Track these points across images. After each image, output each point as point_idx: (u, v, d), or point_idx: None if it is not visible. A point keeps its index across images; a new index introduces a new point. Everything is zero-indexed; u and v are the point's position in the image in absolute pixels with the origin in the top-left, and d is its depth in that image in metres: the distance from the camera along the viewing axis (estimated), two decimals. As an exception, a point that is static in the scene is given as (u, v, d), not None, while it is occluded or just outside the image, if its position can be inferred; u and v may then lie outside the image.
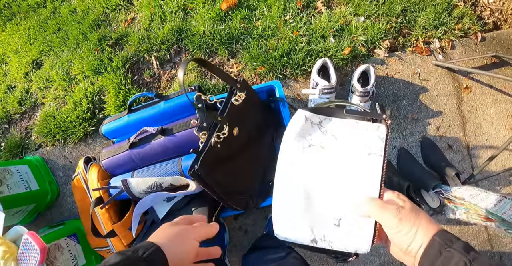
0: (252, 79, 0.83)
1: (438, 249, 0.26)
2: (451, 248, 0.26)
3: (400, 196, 0.30)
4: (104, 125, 0.62)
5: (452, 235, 0.27)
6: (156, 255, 0.28)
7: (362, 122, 0.34)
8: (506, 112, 0.86)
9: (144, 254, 0.27)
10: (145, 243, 0.29)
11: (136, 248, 0.28)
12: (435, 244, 0.26)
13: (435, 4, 0.87)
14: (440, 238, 0.26)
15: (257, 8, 0.86)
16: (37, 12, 1.15)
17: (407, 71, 0.84)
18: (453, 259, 0.25)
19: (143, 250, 0.28)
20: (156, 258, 0.27)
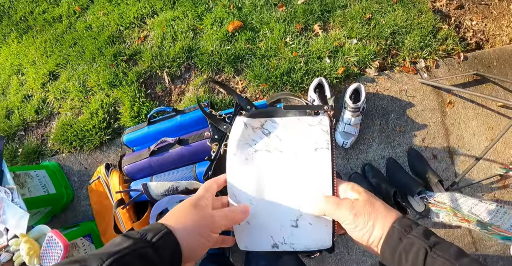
0: (255, 95, 0.95)
1: (398, 237, 0.26)
2: (410, 234, 0.26)
3: (355, 187, 0.30)
4: (126, 135, 0.73)
5: (412, 221, 0.27)
6: (166, 240, 0.25)
7: (304, 118, 0.33)
8: (486, 125, 0.98)
9: (153, 239, 0.24)
10: (156, 224, 0.26)
11: (145, 231, 0.25)
12: (395, 232, 0.26)
13: (421, 28, 1.02)
14: (399, 226, 0.26)
15: (260, 31, 1.00)
16: (53, 26, 1.28)
17: (395, 88, 0.96)
18: (413, 245, 0.25)
19: (153, 234, 0.25)
20: (166, 245, 0.25)
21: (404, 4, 1.04)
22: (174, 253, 0.25)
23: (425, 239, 0.25)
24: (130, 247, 0.23)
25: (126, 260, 0.22)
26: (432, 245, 0.25)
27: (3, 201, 0.77)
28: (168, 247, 0.25)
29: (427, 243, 0.25)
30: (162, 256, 0.24)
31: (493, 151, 0.97)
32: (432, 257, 0.24)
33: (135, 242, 0.24)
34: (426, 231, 0.26)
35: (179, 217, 0.27)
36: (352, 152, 0.93)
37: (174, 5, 1.12)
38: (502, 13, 1.15)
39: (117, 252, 0.22)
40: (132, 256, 0.23)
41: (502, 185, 0.95)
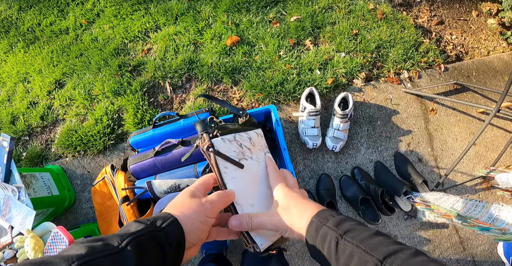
0: (251, 104, 1.11)
1: (315, 229, 0.30)
2: (325, 226, 0.29)
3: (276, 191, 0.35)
4: (132, 137, 0.86)
5: (331, 213, 0.31)
6: (174, 227, 0.29)
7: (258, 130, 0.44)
8: (468, 130, 1.14)
9: (162, 225, 0.29)
10: (163, 213, 0.31)
11: (154, 218, 0.29)
12: (312, 225, 0.30)
13: (404, 42, 1.20)
14: (317, 218, 0.30)
15: (256, 45, 1.18)
16: (60, 38, 1.46)
17: (381, 97, 1.13)
18: (327, 235, 0.28)
19: (161, 221, 0.29)
20: (174, 231, 0.29)
21: (388, 21, 1.24)
22: (180, 238, 0.29)
23: (336, 228, 0.28)
24: (145, 229, 0.28)
25: (141, 239, 0.27)
26: (343, 233, 0.28)
27: (9, 199, 0.88)
28: (175, 233, 0.29)
29: (337, 232, 0.28)
30: (170, 241, 0.28)
31: (476, 155, 1.11)
32: (342, 244, 0.27)
33: (148, 226, 0.28)
34: (340, 221, 0.29)
35: (179, 207, 0.32)
36: (342, 156, 1.07)
37: (176, 21, 1.31)
38: (480, 27, 1.36)
39: (134, 233, 0.27)
40: (146, 237, 0.27)
41: (486, 186, 1.08)
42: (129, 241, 0.26)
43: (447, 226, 1.02)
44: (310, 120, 1.00)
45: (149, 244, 0.27)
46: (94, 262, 0.23)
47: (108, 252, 0.25)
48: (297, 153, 1.06)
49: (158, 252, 0.28)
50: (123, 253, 0.25)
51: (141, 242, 0.27)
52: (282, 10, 1.26)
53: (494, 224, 0.75)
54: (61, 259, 0.23)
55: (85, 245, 0.25)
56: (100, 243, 0.25)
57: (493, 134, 1.13)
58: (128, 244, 0.26)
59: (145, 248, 0.27)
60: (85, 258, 0.23)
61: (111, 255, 0.25)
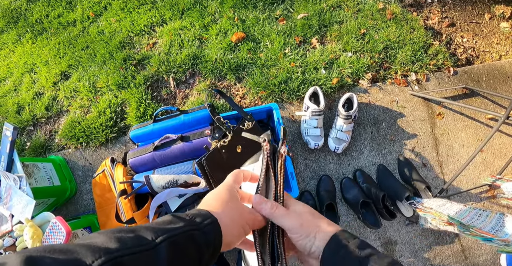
0: (254, 101, 1.09)
1: (335, 249, 0.28)
2: (346, 247, 0.28)
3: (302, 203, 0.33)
4: (132, 131, 0.85)
5: (350, 234, 0.30)
6: (213, 227, 0.27)
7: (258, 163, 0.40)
8: (476, 136, 1.10)
9: (201, 223, 0.27)
10: (203, 211, 0.29)
11: (193, 215, 0.28)
12: (332, 244, 0.29)
13: (413, 43, 1.16)
14: (337, 238, 0.29)
15: (262, 42, 1.15)
16: (67, 30, 1.45)
17: (387, 99, 1.09)
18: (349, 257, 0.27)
19: (201, 219, 0.27)
20: (212, 230, 0.27)
21: (397, 21, 1.20)
22: (217, 240, 0.27)
23: (359, 251, 0.27)
24: (182, 228, 0.26)
25: (177, 239, 0.25)
26: (367, 256, 0.27)
27: (11, 188, 0.88)
28: (214, 233, 0.27)
29: (361, 255, 0.27)
30: (207, 241, 0.27)
31: (482, 162, 1.07)
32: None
33: (186, 224, 0.26)
34: (361, 244, 0.28)
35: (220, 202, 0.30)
36: (344, 158, 1.04)
37: (182, 16, 1.29)
38: (493, 31, 1.31)
39: (170, 230, 0.25)
40: (183, 236, 0.25)
41: (491, 195, 1.04)
42: (164, 238, 0.24)
43: (449, 234, 0.99)
44: (313, 120, 0.98)
45: (186, 244, 0.25)
46: (123, 259, 0.21)
47: (140, 248, 0.22)
48: (298, 152, 1.04)
49: (194, 253, 0.26)
50: (156, 251, 0.23)
51: (177, 241, 0.25)
52: (289, 7, 1.23)
53: (497, 234, 0.72)
54: (87, 250, 0.20)
55: (116, 237, 0.22)
56: (132, 235, 0.23)
57: (501, 141, 1.09)
58: (163, 241, 0.24)
59: (181, 249, 0.25)
60: (114, 254, 0.21)
61: (143, 252, 0.22)
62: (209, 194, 0.32)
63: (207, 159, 0.63)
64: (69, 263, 0.19)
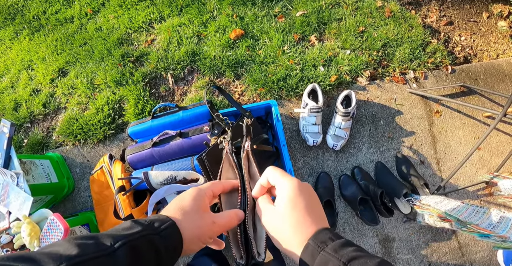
0: (253, 98, 1.08)
1: (311, 254, 0.26)
2: (324, 251, 0.25)
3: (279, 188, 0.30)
4: (130, 127, 0.85)
5: (330, 234, 0.27)
6: (171, 231, 0.27)
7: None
8: (473, 134, 1.10)
9: (159, 227, 0.27)
10: (162, 216, 0.29)
11: (152, 220, 0.28)
12: (309, 248, 0.26)
13: (411, 41, 1.16)
14: (314, 241, 0.26)
15: (260, 39, 1.14)
16: (64, 26, 1.44)
17: (385, 97, 1.09)
18: (327, 264, 0.25)
19: (159, 223, 0.27)
20: (171, 235, 0.27)
21: (396, 19, 1.19)
22: (177, 244, 0.27)
23: (338, 255, 0.24)
24: (140, 232, 0.26)
25: (136, 243, 0.25)
26: (347, 261, 0.24)
27: (8, 185, 0.87)
28: (172, 238, 0.27)
29: (340, 260, 0.24)
30: (167, 245, 0.27)
31: (479, 159, 1.07)
32: None
33: (144, 229, 0.26)
34: (341, 246, 0.25)
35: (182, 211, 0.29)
36: (342, 155, 1.04)
37: (181, 12, 1.28)
38: (490, 30, 1.30)
39: (128, 236, 0.25)
40: (141, 240, 0.25)
41: (488, 192, 1.04)
42: (123, 243, 0.24)
43: (446, 231, 0.99)
44: (311, 117, 0.98)
45: (144, 248, 0.25)
46: (84, 265, 0.22)
47: (99, 253, 0.23)
48: (296, 149, 1.04)
49: (153, 257, 0.26)
50: (115, 255, 0.23)
51: (135, 246, 0.25)
52: (288, 4, 1.22)
53: (495, 231, 0.72)
54: (49, 258, 0.21)
55: (76, 243, 0.23)
56: (92, 241, 0.24)
57: (498, 139, 1.09)
58: (122, 246, 0.24)
59: (139, 251, 0.25)
60: (75, 260, 0.21)
61: (102, 256, 0.23)
62: (175, 199, 0.32)
63: (207, 154, 0.62)
64: None
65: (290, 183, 0.30)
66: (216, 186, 0.34)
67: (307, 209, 0.29)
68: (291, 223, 0.28)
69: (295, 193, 0.29)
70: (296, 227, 0.28)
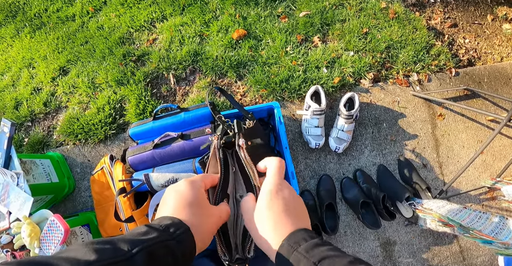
0: (255, 99, 1.07)
1: (286, 255, 0.26)
2: (296, 251, 0.26)
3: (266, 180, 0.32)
4: (132, 129, 0.83)
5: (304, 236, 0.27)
6: (186, 236, 0.28)
7: None
8: (476, 138, 1.09)
9: (175, 233, 0.27)
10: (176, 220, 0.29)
11: (166, 225, 0.28)
12: (284, 249, 0.27)
13: (415, 43, 1.15)
14: (288, 242, 0.27)
15: (263, 39, 1.13)
16: (66, 25, 1.42)
17: (388, 99, 1.08)
18: (300, 263, 0.25)
19: (174, 229, 0.27)
20: (186, 239, 0.27)
21: (400, 21, 1.18)
22: (191, 247, 0.28)
23: (309, 255, 0.25)
24: (157, 238, 0.26)
25: (153, 249, 0.25)
26: (318, 261, 0.24)
27: (8, 185, 0.86)
28: (187, 242, 0.28)
29: (310, 260, 0.25)
30: (183, 251, 0.27)
31: (482, 163, 1.06)
32: None
33: (160, 234, 0.26)
34: (314, 246, 0.26)
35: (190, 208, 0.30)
36: (344, 157, 1.03)
37: (183, 12, 1.26)
38: (495, 32, 1.29)
39: (146, 241, 0.25)
40: (158, 246, 0.25)
41: (490, 196, 1.03)
42: (140, 248, 0.24)
43: (447, 235, 0.98)
44: (314, 119, 0.96)
45: (162, 254, 0.25)
46: None
47: (117, 259, 0.23)
48: (299, 151, 1.03)
49: (170, 262, 0.26)
50: (134, 261, 0.23)
51: (153, 252, 0.25)
52: (291, 5, 1.20)
53: (497, 237, 0.71)
54: (66, 262, 0.21)
55: (93, 248, 0.23)
56: (109, 246, 0.24)
57: (502, 143, 1.08)
58: (140, 251, 0.24)
59: (157, 257, 0.25)
60: (93, 265, 0.21)
61: (120, 262, 0.23)
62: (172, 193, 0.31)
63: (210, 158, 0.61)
64: None
65: (269, 182, 0.32)
66: (208, 178, 0.35)
67: (285, 209, 0.30)
68: (269, 224, 0.29)
69: (273, 194, 0.30)
70: (274, 228, 0.28)
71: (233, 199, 0.38)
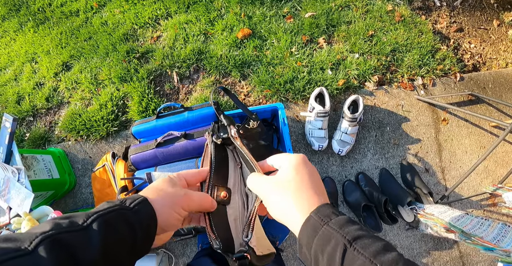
0: (259, 100, 1.06)
1: (313, 228, 0.24)
2: (328, 225, 0.24)
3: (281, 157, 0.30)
4: (135, 127, 0.83)
5: (333, 209, 0.26)
6: (143, 206, 0.28)
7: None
8: (479, 143, 1.08)
9: (131, 204, 0.27)
10: (134, 194, 0.29)
11: (124, 199, 0.28)
12: (311, 221, 0.25)
13: (421, 47, 1.14)
14: (317, 215, 0.25)
15: (268, 39, 1.12)
16: (69, 20, 1.41)
17: (392, 103, 1.07)
18: (331, 239, 0.23)
19: (131, 201, 0.28)
20: (143, 209, 0.27)
21: (405, 24, 1.17)
22: (151, 219, 0.28)
23: (343, 232, 0.23)
24: (112, 207, 0.26)
25: (109, 217, 0.25)
26: (352, 239, 0.23)
27: (9, 180, 0.86)
28: (145, 213, 0.27)
29: (345, 237, 0.23)
30: (140, 220, 0.27)
31: (484, 169, 1.06)
32: (351, 254, 0.22)
33: (116, 205, 0.27)
34: (346, 222, 0.24)
35: (155, 190, 0.30)
36: (347, 160, 1.02)
37: (188, 9, 1.25)
38: (500, 38, 1.28)
39: (101, 210, 0.25)
40: (114, 215, 0.26)
41: (492, 202, 1.03)
42: (94, 218, 0.25)
43: (448, 240, 0.98)
44: (317, 121, 0.96)
45: (117, 222, 0.26)
46: (57, 236, 0.22)
47: (72, 228, 0.24)
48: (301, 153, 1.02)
49: (127, 231, 0.26)
50: (88, 230, 0.24)
51: (108, 220, 0.25)
52: (297, 5, 1.19)
53: (499, 244, 0.71)
54: (26, 235, 0.22)
55: (51, 222, 0.24)
56: (66, 220, 0.24)
57: (504, 149, 1.08)
58: (94, 221, 0.24)
59: (113, 226, 0.25)
60: (49, 233, 0.22)
61: (75, 231, 0.23)
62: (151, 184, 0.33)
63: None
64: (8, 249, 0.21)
65: (294, 156, 0.30)
66: (188, 173, 0.34)
67: (311, 180, 0.28)
68: (294, 195, 0.27)
69: (298, 163, 0.29)
70: (301, 199, 0.27)
71: (240, 193, 0.38)
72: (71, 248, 0.22)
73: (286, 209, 0.27)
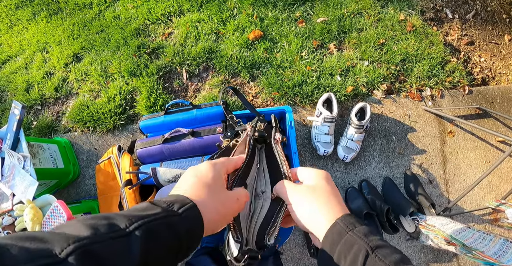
0: (267, 102, 1.07)
1: (338, 233, 0.26)
2: (352, 232, 0.25)
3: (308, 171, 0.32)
4: (142, 121, 0.83)
5: (357, 219, 0.27)
6: (191, 212, 0.26)
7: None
8: (484, 158, 1.08)
9: (179, 209, 0.25)
10: (181, 196, 0.27)
11: (171, 202, 0.26)
12: (336, 227, 0.26)
13: (431, 58, 1.14)
14: (342, 222, 0.26)
15: (279, 42, 1.13)
16: (82, 11, 1.43)
17: (399, 112, 1.08)
18: (354, 245, 0.25)
19: (179, 205, 0.26)
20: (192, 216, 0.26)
21: (417, 34, 1.17)
22: (197, 225, 0.26)
23: (367, 239, 0.25)
24: (159, 214, 0.24)
25: (153, 225, 0.23)
26: (375, 247, 0.24)
27: (14, 167, 0.86)
28: (193, 220, 0.26)
29: (368, 244, 0.24)
30: (186, 227, 0.25)
31: (488, 184, 1.06)
32: (373, 261, 0.23)
33: (163, 210, 0.25)
34: (369, 231, 0.26)
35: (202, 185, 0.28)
36: (351, 167, 1.02)
37: (201, 8, 1.26)
38: (511, 53, 1.28)
39: (146, 217, 0.23)
40: (160, 223, 0.24)
41: (494, 218, 1.03)
42: (138, 225, 0.22)
43: (448, 252, 0.98)
44: (324, 126, 0.96)
45: (163, 230, 0.24)
46: (93, 247, 0.19)
47: (112, 235, 0.21)
48: (306, 157, 1.02)
49: (172, 240, 0.24)
50: (130, 237, 0.22)
51: (153, 227, 0.23)
52: (309, 9, 1.20)
53: (500, 260, 0.71)
54: (58, 237, 0.19)
55: (88, 224, 0.21)
56: (106, 222, 0.22)
57: (509, 165, 1.08)
58: (138, 228, 0.22)
59: (157, 234, 0.23)
60: (84, 241, 0.19)
61: (115, 239, 0.21)
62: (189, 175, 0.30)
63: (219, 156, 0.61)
64: (37, 252, 0.18)
65: (322, 171, 0.33)
66: (230, 162, 0.34)
67: (335, 193, 0.30)
68: (321, 203, 0.29)
69: (326, 176, 0.32)
70: (327, 207, 0.28)
71: (253, 192, 0.38)
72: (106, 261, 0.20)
73: (313, 215, 0.28)
